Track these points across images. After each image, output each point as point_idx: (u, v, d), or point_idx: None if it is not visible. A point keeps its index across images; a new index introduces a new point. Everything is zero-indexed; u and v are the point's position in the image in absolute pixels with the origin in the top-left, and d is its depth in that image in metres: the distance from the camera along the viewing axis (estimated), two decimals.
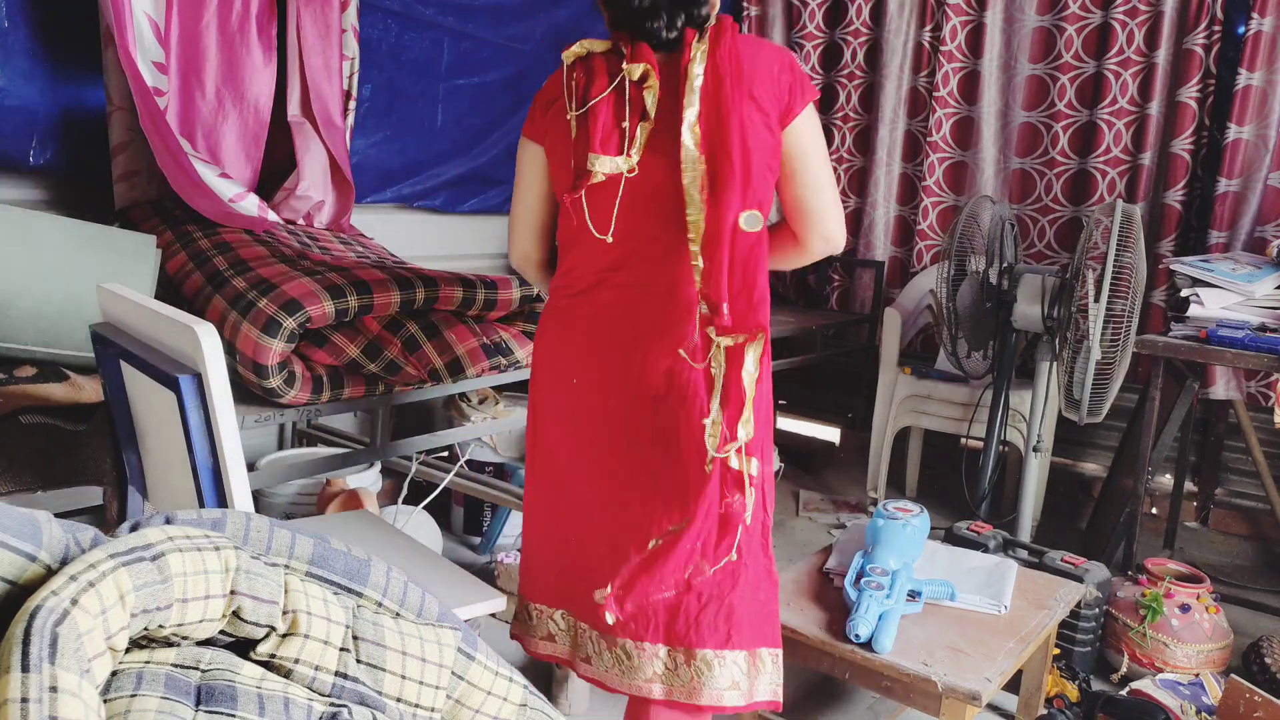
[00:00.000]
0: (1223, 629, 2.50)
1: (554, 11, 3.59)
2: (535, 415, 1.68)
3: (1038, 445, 3.07)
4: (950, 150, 3.96)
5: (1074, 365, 2.68)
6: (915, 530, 2.06)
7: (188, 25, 2.34)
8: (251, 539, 0.87)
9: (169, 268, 2.23)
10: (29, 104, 2.29)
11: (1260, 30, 3.25)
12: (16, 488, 1.62)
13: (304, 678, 0.82)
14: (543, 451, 1.67)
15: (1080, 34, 3.64)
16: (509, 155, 3.60)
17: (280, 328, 1.88)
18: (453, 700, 0.96)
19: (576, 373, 1.59)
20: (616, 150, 1.47)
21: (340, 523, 2.08)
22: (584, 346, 1.58)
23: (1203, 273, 2.81)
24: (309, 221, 2.67)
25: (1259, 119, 3.30)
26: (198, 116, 2.41)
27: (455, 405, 2.85)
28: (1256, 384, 3.40)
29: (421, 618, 0.95)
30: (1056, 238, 3.77)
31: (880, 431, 3.73)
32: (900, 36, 4.02)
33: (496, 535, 3.07)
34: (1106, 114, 3.59)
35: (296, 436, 3.17)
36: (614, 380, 1.54)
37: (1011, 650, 1.85)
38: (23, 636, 0.62)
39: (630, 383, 1.52)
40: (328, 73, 2.59)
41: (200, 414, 1.20)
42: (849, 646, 1.82)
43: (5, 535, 0.71)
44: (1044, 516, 3.52)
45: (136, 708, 0.70)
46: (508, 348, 2.36)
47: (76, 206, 2.46)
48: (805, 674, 2.46)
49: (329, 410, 2.09)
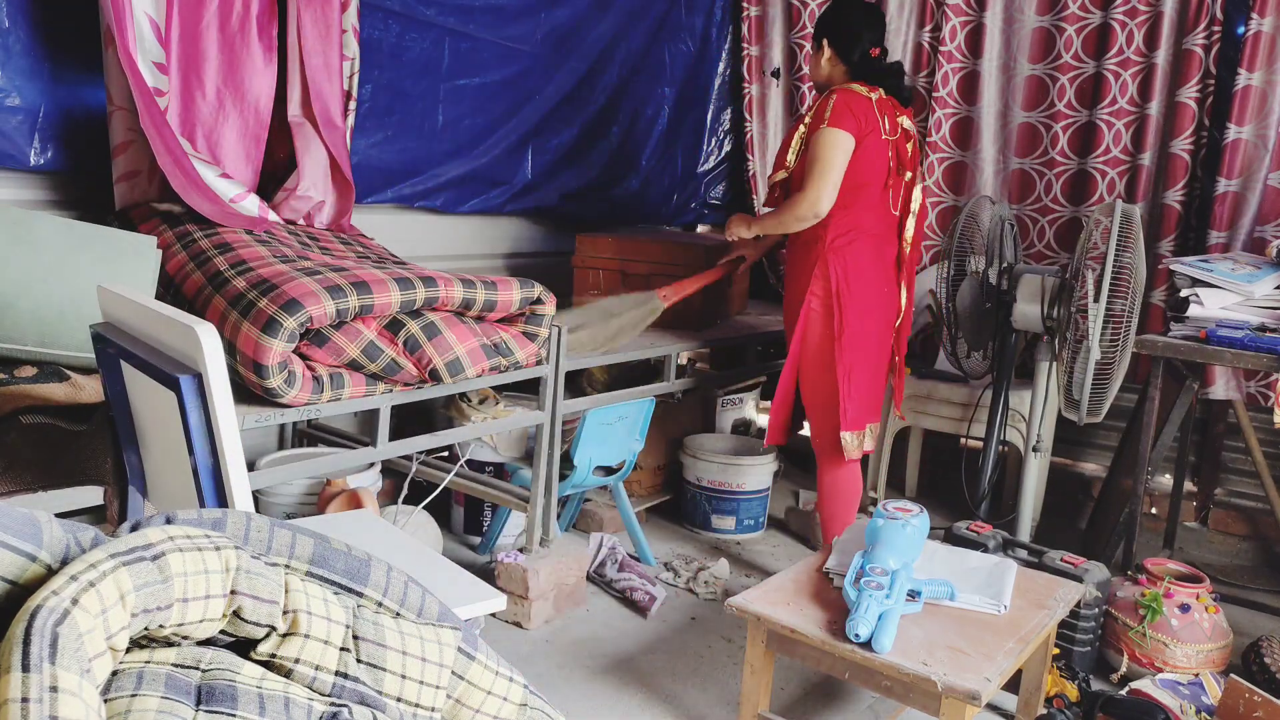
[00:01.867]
0: (1222, 629, 2.50)
1: (554, 11, 3.59)
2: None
3: (1037, 445, 3.07)
4: (950, 150, 3.96)
5: (1074, 365, 2.69)
6: (915, 530, 2.06)
7: (188, 25, 2.34)
8: (252, 539, 0.87)
9: (169, 268, 2.23)
10: (30, 104, 2.29)
11: (1260, 30, 3.25)
12: (17, 488, 1.62)
13: (304, 677, 0.83)
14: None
15: (1080, 34, 3.64)
16: (510, 155, 3.60)
17: (281, 328, 1.89)
18: (453, 700, 0.96)
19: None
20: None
21: (340, 523, 2.08)
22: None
23: (1202, 273, 2.82)
24: (309, 222, 2.67)
25: (1259, 119, 3.30)
26: (198, 117, 2.41)
27: (455, 405, 2.85)
28: (1256, 384, 3.40)
29: (422, 617, 0.95)
30: (1056, 238, 3.77)
31: (880, 432, 3.73)
32: (900, 37, 4.02)
33: (496, 535, 3.08)
34: (1106, 114, 3.59)
35: (296, 436, 3.17)
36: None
37: (1011, 650, 1.85)
38: (23, 636, 0.62)
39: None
40: (328, 73, 2.59)
41: (200, 414, 1.20)
42: (849, 646, 1.82)
43: (6, 535, 0.71)
44: (1044, 516, 3.52)
45: (137, 707, 0.71)
46: (508, 348, 2.36)
47: (76, 206, 2.46)
48: (805, 674, 2.46)
49: (329, 410, 2.09)
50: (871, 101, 2.66)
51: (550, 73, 3.65)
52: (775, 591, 2.05)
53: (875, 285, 2.75)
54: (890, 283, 2.79)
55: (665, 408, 3.60)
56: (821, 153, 2.62)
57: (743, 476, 3.41)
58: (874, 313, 2.75)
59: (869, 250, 2.72)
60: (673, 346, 3.24)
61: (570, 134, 3.82)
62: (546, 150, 3.74)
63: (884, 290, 2.77)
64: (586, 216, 4.00)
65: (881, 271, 2.76)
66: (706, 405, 3.90)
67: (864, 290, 2.71)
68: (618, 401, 2.97)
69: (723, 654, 2.57)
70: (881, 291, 2.76)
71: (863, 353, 2.74)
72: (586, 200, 3.97)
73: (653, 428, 3.10)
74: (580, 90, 3.80)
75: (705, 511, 3.44)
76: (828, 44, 2.76)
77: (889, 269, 2.78)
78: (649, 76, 4.10)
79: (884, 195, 2.72)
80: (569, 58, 3.71)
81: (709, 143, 4.48)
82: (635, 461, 3.09)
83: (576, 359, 2.82)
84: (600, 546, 2.97)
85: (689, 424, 3.78)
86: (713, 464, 3.42)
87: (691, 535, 3.46)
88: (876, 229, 2.73)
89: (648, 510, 3.55)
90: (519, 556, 2.66)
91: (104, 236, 1.97)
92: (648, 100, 4.13)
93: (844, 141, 2.61)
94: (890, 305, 2.80)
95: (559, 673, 2.42)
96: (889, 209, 2.75)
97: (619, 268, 3.30)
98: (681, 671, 2.46)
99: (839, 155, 2.62)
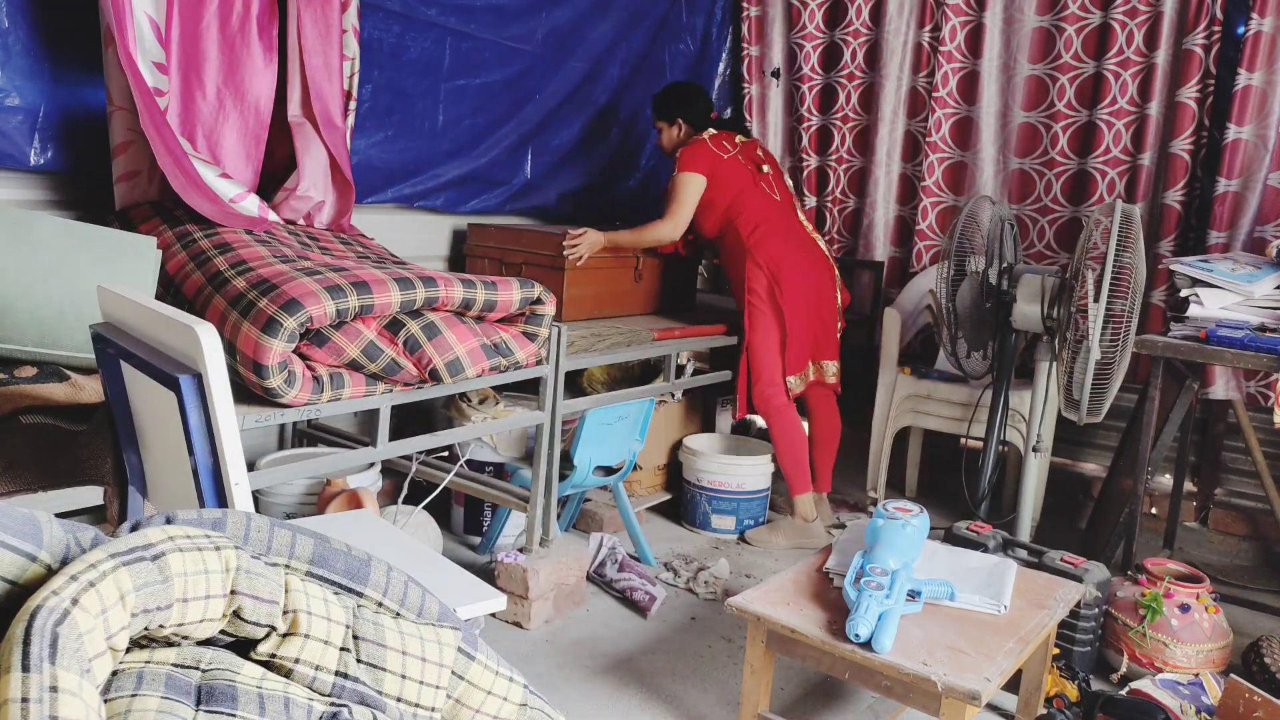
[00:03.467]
0: (1222, 629, 2.50)
1: (554, 11, 3.59)
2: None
3: (1037, 445, 3.07)
4: (950, 150, 3.96)
5: (1074, 365, 2.69)
6: (915, 530, 2.06)
7: (188, 25, 2.34)
8: (252, 539, 0.87)
9: (169, 268, 2.23)
10: (30, 104, 2.29)
11: (1260, 30, 3.25)
12: (17, 488, 1.62)
13: (304, 677, 0.83)
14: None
15: (1080, 34, 3.64)
16: (510, 155, 3.60)
17: (281, 328, 1.89)
18: (453, 700, 0.96)
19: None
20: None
21: (340, 523, 2.08)
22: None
23: (1202, 273, 2.81)
24: (309, 222, 2.67)
25: (1259, 119, 3.30)
26: (198, 117, 2.41)
27: (455, 405, 2.85)
28: (1256, 384, 3.40)
29: (422, 617, 0.95)
30: (1056, 238, 3.77)
31: (880, 431, 3.73)
32: (900, 37, 4.02)
33: (496, 535, 3.08)
34: (1106, 114, 3.59)
35: (296, 436, 3.17)
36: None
37: (1011, 650, 1.85)
38: (23, 636, 0.62)
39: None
40: (328, 73, 2.59)
41: (200, 414, 1.20)
42: (849, 646, 1.82)
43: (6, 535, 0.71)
44: (1044, 516, 3.52)
45: (137, 707, 0.71)
46: (508, 348, 2.36)
47: (76, 206, 2.46)
48: (805, 674, 2.46)
49: (329, 410, 2.09)
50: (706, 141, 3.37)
51: (551, 73, 3.65)
52: (775, 591, 2.05)
53: (793, 259, 3.35)
54: (806, 248, 3.42)
55: (665, 408, 3.60)
56: (674, 190, 3.32)
57: (743, 476, 3.41)
58: (799, 283, 3.35)
59: (767, 229, 3.34)
60: (674, 346, 3.24)
61: (570, 134, 3.82)
62: (547, 150, 3.74)
63: (803, 260, 3.38)
64: (586, 216, 4.00)
65: (794, 243, 3.39)
66: (706, 405, 3.90)
67: (789, 268, 3.33)
68: (618, 401, 2.97)
69: (723, 654, 2.57)
70: (800, 262, 3.37)
71: (795, 309, 3.35)
72: (586, 200, 3.97)
73: (653, 428, 3.11)
74: (580, 90, 3.80)
75: (705, 511, 3.45)
76: (681, 120, 3.47)
77: (801, 238, 3.42)
78: (649, 76, 4.10)
79: (760, 192, 3.38)
80: (569, 58, 3.71)
81: None
82: (635, 461, 3.09)
83: (576, 359, 2.82)
84: (600, 546, 2.97)
85: (689, 424, 3.78)
86: (713, 464, 3.42)
87: (691, 535, 3.46)
88: (773, 217, 3.38)
89: (648, 510, 3.55)
90: (519, 556, 2.66)
91: (104, 237, 1.97)
92: (648, 101, 4.13)
93: (695, 181, 3.31)
94: (812, 265, 3.41)
95: (559, 673, 2.42)
96: (771, 198, 3.40)
97: (499, 256, 3.31)
98: (681, 671, 2.47)
99: (690, 192, 3.30)
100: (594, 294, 3.29)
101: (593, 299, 3.29)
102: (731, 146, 3.39)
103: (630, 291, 3.47)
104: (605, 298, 3.36)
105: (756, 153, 3.48)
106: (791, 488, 3.40)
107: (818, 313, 3.41)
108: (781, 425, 3.36)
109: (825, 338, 3.46)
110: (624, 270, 3.42)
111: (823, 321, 3.43)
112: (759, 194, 3.37)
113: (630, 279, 3.45)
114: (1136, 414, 3.30)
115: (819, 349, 3.45)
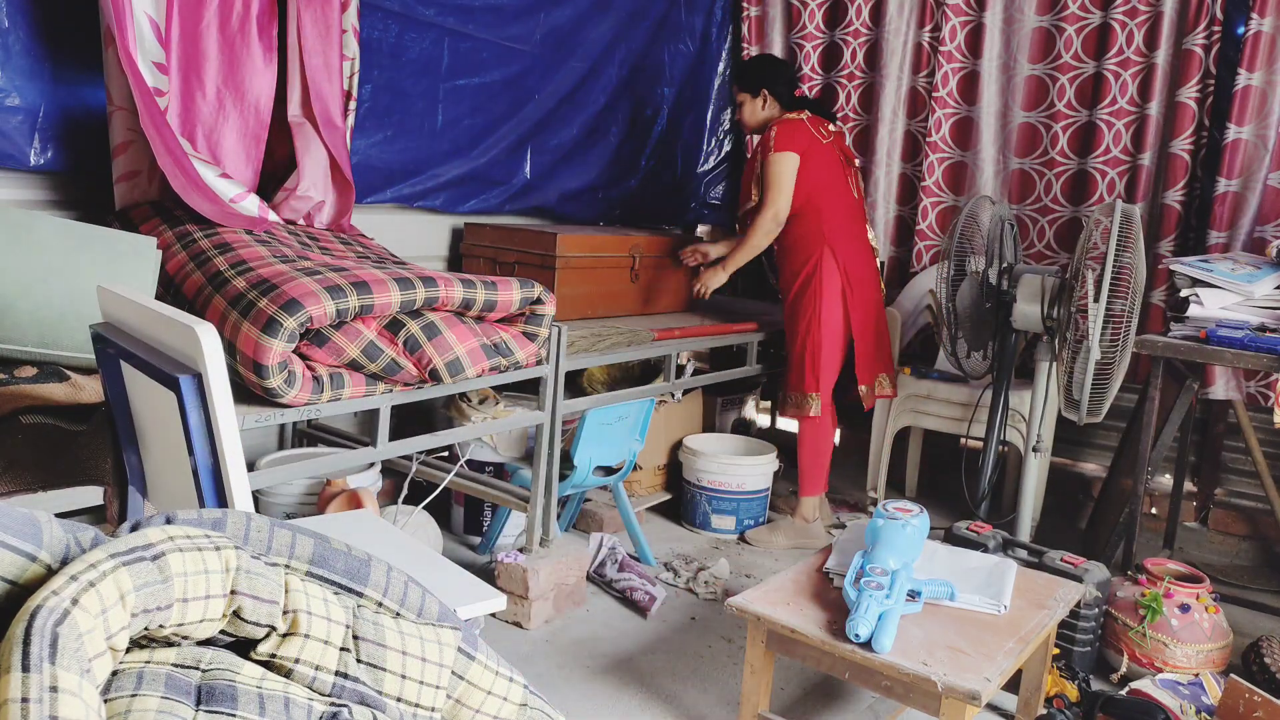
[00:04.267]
0: (1222, 629, 2.50)
1: (554, 11, 3.59)
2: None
3: (1037, 445, 3.07)
4: (950, 150, 3.96)
5: (1074, 365, 2.69)
6: (915, 530, 2.06)
7: (188, 25, 2.34)
8: (252, 539, 0.87)
9: (169, 268, 2.23)
10: (30, 104, 2.29)
11: (1260, 30, 3.25)
12: (17, 488, 1.62)
13: (304, 677, 0.83)
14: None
15: (1080, 34, 3.64)
16: (509, 155, 3.60)
17: (281, 328, 1.89)
18: (453, 700, 0.96)
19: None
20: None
21: (340, 523, 2.08)
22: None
23: (1202, 273, 2.81)
24: (309, 222, 2.67)
25: (1258, 119, 3.30)
26: (198, 117, 2.41)
27: (455, 405, 2.85)
28: (1256, 384, 3.40)
29: (422, 617, 0.95)
30: (1056, 238, 3.77)
31: (880, 431, 3.73)
32: (900, 37, 4.02)
33: (496, 535, 3.08)
34: (1106, 114, 3.59)
35: (296, 436, 3.17)
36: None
37: (1011, 650, 1.85)
38: (23, 636, 0.62)
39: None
40: (328, 73, 2.59)
41: (200, 414, 1.20)
42: (849, 646, 1.82)
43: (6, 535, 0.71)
44: (1044, 516, 3.52)
45: (137, 707, 0.71)
46: (508, 348, 2.36)
47: (76, 206, 2.46)
48: (805, 674, 2.46)
49: (329, 410, 2.09)
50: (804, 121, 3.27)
51: (550, 73, 3.65)
52: (775, 591, 2.05)
53: (860, 273, 3.33)
54: (867, 258, 3.40)
55: (665, 408, 3.60)
56: (772, 172, 3.20)
57: (743, 476, 3.41)
58: (867, 295, 3.36)
59: (846, 228, 3.30)
60: (674, 346, 3.24)
61: (570, 134, 3.82)
62: (546, 150, 3.74)
63: (868, 274, 3.38)
64: (585, 216, 4.00)
65: (863, 254, 3.37)
66: (707, 405, 3.90)
67: (857, 280, 3.30)
68: (618, 401, 2.97)
69: (723, 654, 2.57)
70: (867, 277, 3.36)
71: (863, 325, 3.35)
72: (585, 200, 3.97)
73: (653, 428, 3.10)
74: (580, 90, 3.80)
75: (705, 511, 3.45)
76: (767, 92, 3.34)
77: (865, 245, 3.39)
78: (649, 77, 4.10)
79: (845, 188, 3.34)
80: (569, 58, 3.71)
81: (709, 143, 4.48)
82: (635, 461, 3.09)
83: (576, 359, 2.82)
84: (600, 546, 2.97)
85: (689, 424, 3.78)
86: (713, 464, 3.42)
87: (691, 535, 3.46)
88: (851, 218, 3.34)
89: (648, 510, 3.55)
90: (519, 556, 2.66)
91: (104, 237, 1.97)
92: (647, 100, 4.13)
93: (792, 161, 3.20)
94: (872, 277, 3.41)
95: (559, 673, 2.42)
96: (852, 196, 3.36)
97: (494, 256, 3.30)
98: (681, 671, 2.47)
99: (789, 172, 3.19)
100: (587, 294, 3.27)
101: (586, 299, 3.27)
102: (827, 133, 3.31)
103: (626, 291, 3.45)
104: (599, 297, 3.33)
105: (846, 145, 3.43)
106: (805, 488, 3.39)
107: (879, 327, 3.41)
108: (818, 424, 3.33)
109: (882, 350, 3.43)
110: (619, 270, 3.39)
111: (879, 334, 3.41)
112: (844, 189, 3.32)
113: (626, 278, 3.42)
114: (1136, 414, 3.30)
115: (882, 361, 3.43)
